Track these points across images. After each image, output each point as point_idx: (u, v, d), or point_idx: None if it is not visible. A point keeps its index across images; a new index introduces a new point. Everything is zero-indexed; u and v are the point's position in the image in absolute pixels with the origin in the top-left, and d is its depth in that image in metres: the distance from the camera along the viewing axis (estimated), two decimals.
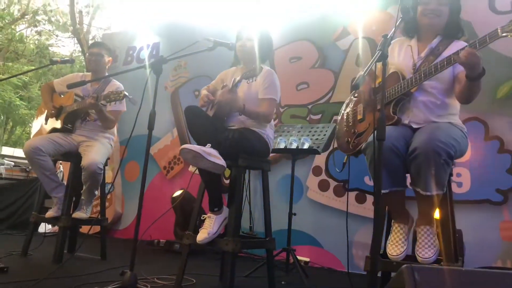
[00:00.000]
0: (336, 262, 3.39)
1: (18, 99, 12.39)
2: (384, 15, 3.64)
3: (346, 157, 2.47)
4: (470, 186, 3.04)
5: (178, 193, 3.95)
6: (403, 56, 2.24)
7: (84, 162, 2.93)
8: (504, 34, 1.73)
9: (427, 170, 1.84)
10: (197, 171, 2.46)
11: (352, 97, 2.51)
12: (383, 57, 1.75)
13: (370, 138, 2.02)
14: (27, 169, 5.30)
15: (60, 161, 4.56)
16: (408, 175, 2.03)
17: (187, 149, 2.21)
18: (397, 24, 1.93)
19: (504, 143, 2.97)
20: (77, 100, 3.13)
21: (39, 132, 3.34)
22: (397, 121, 2.10)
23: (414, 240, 2.02)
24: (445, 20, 2.15)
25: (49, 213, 3.05)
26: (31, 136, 3.49)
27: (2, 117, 13.95)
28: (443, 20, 2.14)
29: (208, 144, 2.27)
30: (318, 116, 3.81)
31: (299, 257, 3.09)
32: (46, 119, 3.29)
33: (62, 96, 3.28)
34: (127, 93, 2.83)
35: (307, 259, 3.44)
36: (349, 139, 2.34)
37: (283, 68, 4.00)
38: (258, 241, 2.75)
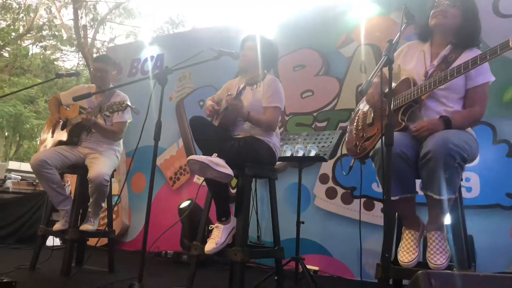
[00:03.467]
0: (346, 270, 3.35)
1: (27, 111, 12.50)
2: (387, 20, 3.64)
3: (353, 160, 2.44)
4: (480, 191, 3.00)
5: (185, 203, 3.94)
6: (415, 62, 2.20)
7: (91, 174, 2.93)
8: None
9: (441, 174, 1.80)
10: (203, 183, 2.45)
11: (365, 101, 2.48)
12: (389, 62, 1.75)
13: (378, 144, 1.99)
14: (34, 183, 5.32)
15: (67, 175, 4.56)
16: (418, 181, 2.01)
17: (194, 160, 2.21)
18: (402, 29, 1.92)
19: None
20: (82, 112, 3.14)
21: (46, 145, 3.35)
22: (405, 127, 2.07)
23: (424, 246, 1.99)
24: (454, 23, 2.10)
25: (57, 226, 3.05)
26: (38, 149, 3.50)
27: (7, 133, 14.06)
28: (451, 22, 2.10)
29: (214, 154, 2.27)
30: (324, 124, 3.80)
31: (308, 266, 3.06)
32: (53, 132, 3.30)
33: (68, 108, 3.29)
34: (129, 103, 2.84)
35: (316, 268, 3.40)
36: (357, 142, 2.32)
37: (287, 77, 4.00)
38: (267, 250, 2.73)
